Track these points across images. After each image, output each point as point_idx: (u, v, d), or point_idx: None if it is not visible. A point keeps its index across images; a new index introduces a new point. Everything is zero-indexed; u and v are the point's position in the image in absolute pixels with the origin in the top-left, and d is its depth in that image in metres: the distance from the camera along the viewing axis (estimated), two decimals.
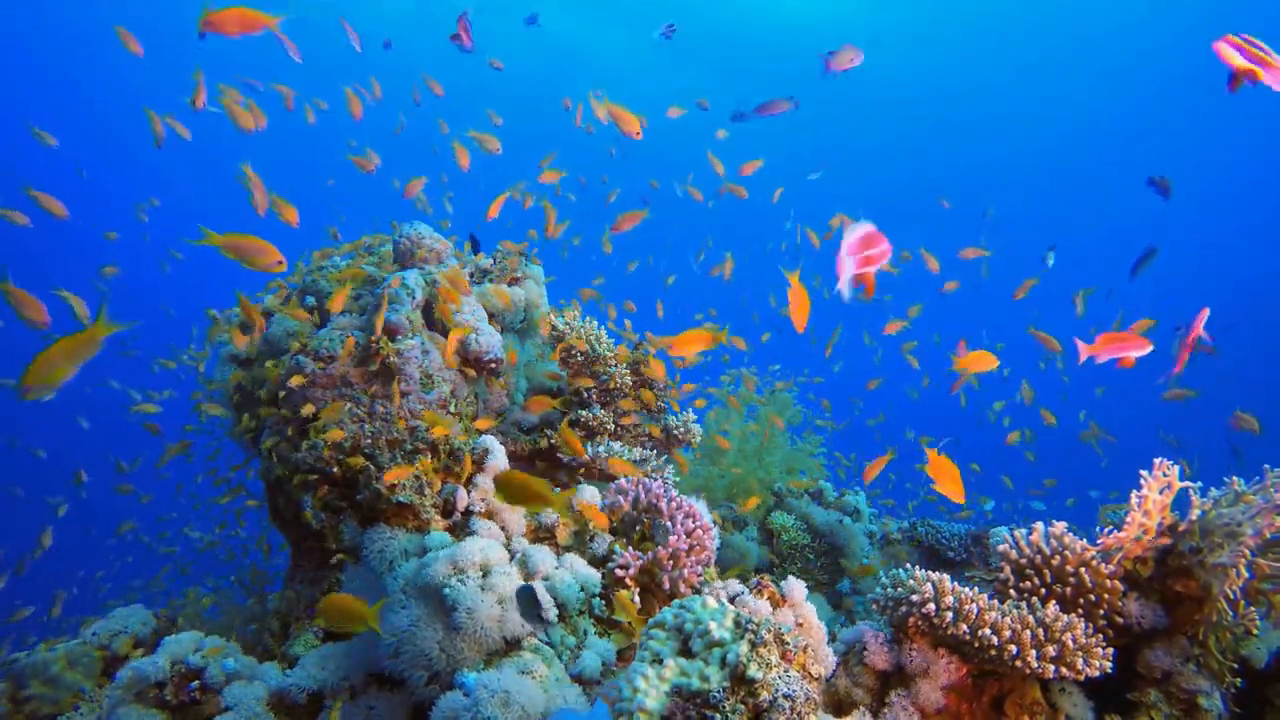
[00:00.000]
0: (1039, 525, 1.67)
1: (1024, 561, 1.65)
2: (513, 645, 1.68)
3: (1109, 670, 1.41)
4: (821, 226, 4.40)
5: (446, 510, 2.06)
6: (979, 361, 2.21)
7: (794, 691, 1.19)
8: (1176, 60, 15.37)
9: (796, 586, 1.67)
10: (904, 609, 1.54)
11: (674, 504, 2.02)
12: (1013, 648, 1.40)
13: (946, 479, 1.39)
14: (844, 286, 1.32)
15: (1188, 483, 1.56)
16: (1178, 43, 14.88)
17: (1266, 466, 1.55)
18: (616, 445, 2.55)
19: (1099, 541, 1.61)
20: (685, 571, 1.91)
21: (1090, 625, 1.50)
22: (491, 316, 2.71)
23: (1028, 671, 1.42)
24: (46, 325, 1.79)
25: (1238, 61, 1.41)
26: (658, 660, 1.27)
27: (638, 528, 2.05)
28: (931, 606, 1.49)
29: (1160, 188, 3.94)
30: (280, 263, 1.70)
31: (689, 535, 1.94)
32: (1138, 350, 1.85)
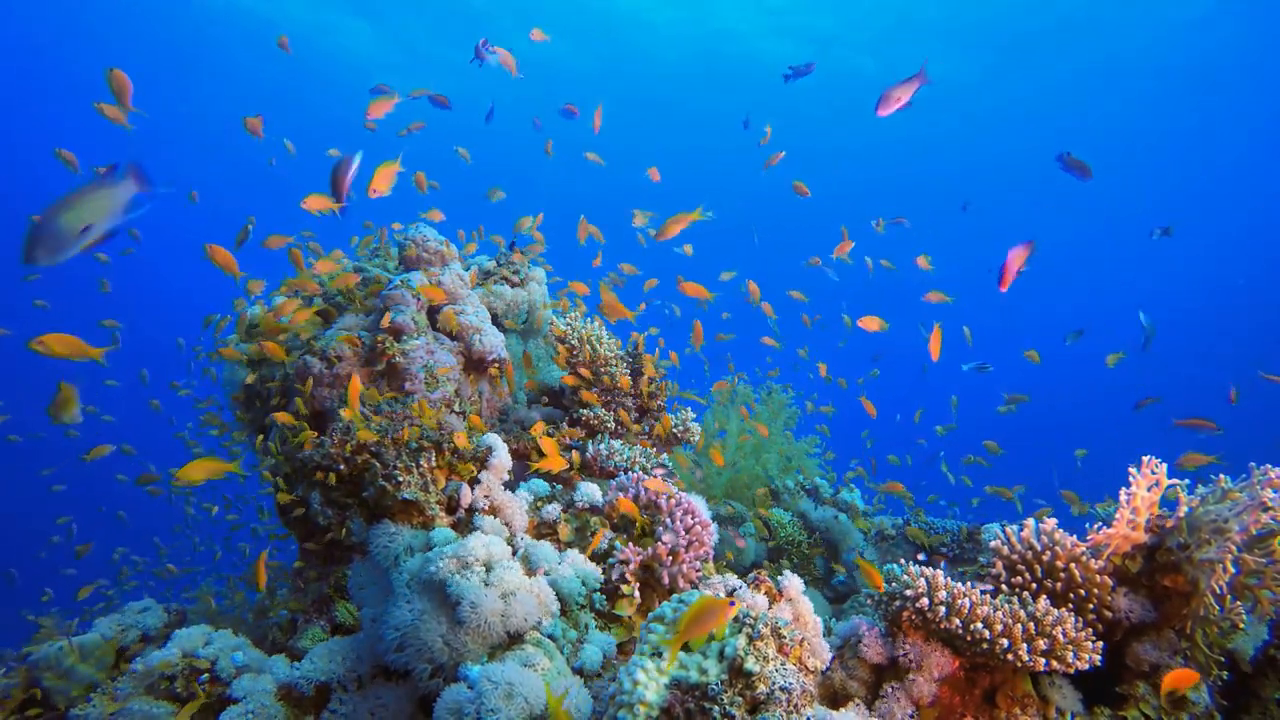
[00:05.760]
0: (1030, 522, 1.70)
1: (1015, 557, 1.69)
2: (515, 639, 1.72)
3: (1098, 663, 1.45)
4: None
5: (451, 507, 2.10)
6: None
7: (790, 684, 1.23)
8: (1173, 59, 15.36)
9: (793, 581, 1.70)
10: (898, 603, 1.57)
11: (673, 500, 2.06)
12: (1004, 641, 1.44)
13: None
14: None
15: (1175, 480, 1.60)
16: (1175, 41, 14.88)
17: (1252, 464, 1.58)
18: (617, 444, 2.59)
19: (1089, 538, 1.64)
20: (684, 567, 1.94)
21: (1080, 619, 1.53)
22: (495, 317, 2.75)
23: (1019, 664, 1.45)
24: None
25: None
26: (657, 654, 1.30)
27: (637, 524, 2.09)
28: (925, 601, 1.52)
29: (1073, 166, 3.63)
30: None
31: (688, 531, 1.98)
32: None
